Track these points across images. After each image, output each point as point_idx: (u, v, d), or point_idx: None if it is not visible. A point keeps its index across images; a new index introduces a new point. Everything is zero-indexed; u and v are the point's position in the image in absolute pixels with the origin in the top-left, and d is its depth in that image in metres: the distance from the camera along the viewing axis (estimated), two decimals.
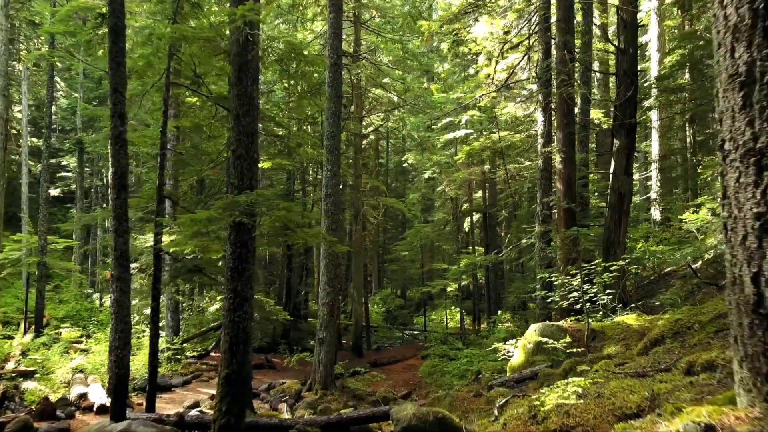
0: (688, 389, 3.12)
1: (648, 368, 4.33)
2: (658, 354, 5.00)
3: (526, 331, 8.87)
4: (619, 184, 12.11)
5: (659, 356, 4.81)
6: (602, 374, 4.64)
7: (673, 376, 3.61)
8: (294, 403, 13.10)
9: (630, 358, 5.52)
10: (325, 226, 14.27)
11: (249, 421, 8.21)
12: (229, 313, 6.79)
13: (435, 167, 25.87)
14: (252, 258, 6.96)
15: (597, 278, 8.30)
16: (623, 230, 12.09)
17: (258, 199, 6.57)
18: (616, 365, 5.00)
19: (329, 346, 14.13)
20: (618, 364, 5.01)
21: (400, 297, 37.84)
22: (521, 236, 19.19)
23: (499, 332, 17.28)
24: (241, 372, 6.70)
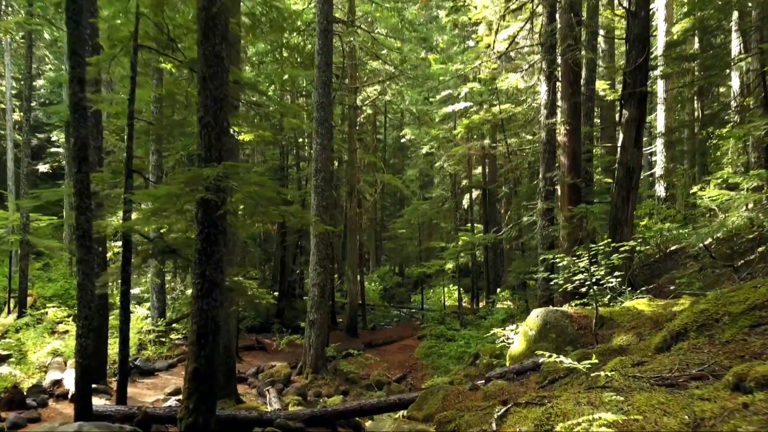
0: (745, 416, 2.43)
1: (676, 373, 3.62)
2: (683, 352, 4.29)
3: (528, 317, 8.19)
4: (627, 157, 11.33)
5: (686, 356, 4.10)
6: (619, 378, 3.94)
7: (715, 390, 2.91)
8: (283, 388, 12.50)
9: (648, 355, 4.81)
10: (315, 203, 13.53)
11: (226, 413, 7.58)
12: (196, 301, 6.08)
13: (433, 142, 24.99)
14: (223, 239, 6.22)
15: (604, 259, 7.58)
16: (631, 207, 11.34)
17: (226, 172, 5.81)
18: (634, 364, 4.29)
19: (320, 329, 13.51)
20: (636, 363, 4.31)
21: (398, 274, 37.25)
22: (522, 214, 18.44)
23: (498, 313, 16.66)
24: (210, 366, 6.02)
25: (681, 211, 22.14)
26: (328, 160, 13.65)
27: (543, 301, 11.89)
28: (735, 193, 8.81)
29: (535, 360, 7.11)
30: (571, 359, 6.15)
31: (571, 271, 8.29)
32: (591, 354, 6.08)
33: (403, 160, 41.44)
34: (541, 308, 8.08)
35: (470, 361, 14.75)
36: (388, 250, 34.97)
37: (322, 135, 13.44)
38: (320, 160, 13.48)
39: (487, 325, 16.04)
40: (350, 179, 20.75)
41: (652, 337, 6.15)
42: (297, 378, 13.41)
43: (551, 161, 12.37)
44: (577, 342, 7.32)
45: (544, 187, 12.28)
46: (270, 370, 13.35)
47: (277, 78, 23.71)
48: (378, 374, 14.37)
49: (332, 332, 20.99)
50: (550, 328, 7.63)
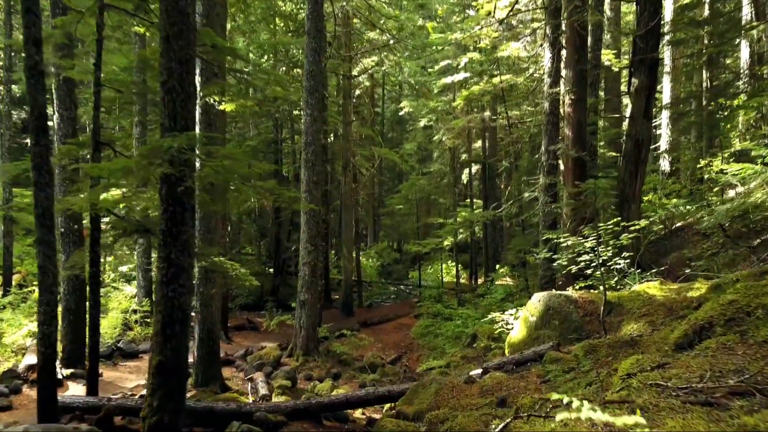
0: None
1: (709, 383, 3.00)
2: (711, 353, 3.67)
3: (529, 302, 7.59)
4: (636, 129, 10.62)
5: (716, 358, 3.49)
6: (638, 386, 3.33)
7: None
8: (272, 371, 12.00)
9: (668, 354, 4.20)
10: (305, 178, 12.85)
11: (203, 405, 7.04)
12: (161, 287, 5.46)
13: (431, 114, 24.16)
14: (191, 218, 5.57)
15: (612, 239, 6.94)
16: (639, 183, 10.68)
17: (191, 143, 5.13)
18: (654, 367, 3.68)
19: (311, 309, 12.95)
20: (656, 365, 3.69)
21: (396, 250, 36.69)
22: (523, 189, 17.78)
23: (497, 291, 16.12)
24: (177, 359, 5.43)
25: (687, 186, 21.47)
26: (319, 132, 12.92)
27: (544, 282, 11.31)
28: (760, 167, 8.12)
29: (536, 349, 6.52)
30: (577, 351, 5.56)
31: (575, 252, 7.68)
32: (599, 346, 5.49)
33: (401, 134, 40.56)
34: (543, 292, 7.48)
35: (467, 342, 14.25)
36: (385, 227, 34.33)
37: (313, 105, 12.69)
38: (310, 132, 12.76)
39: (485, 304, 15.52)
40: (345, 153, 20.02)
41: (667, 327, 5.54)
42: (287, 360, 12.91)
43: (554, 133, 11.65)
44: (582, 330, 6.74)
45: (546, 161, 11.59)
46: (259, 352, 12.83)
47: (269, 48, 22.81)
48: (372, 356, 13.87)
49: (327, 310, 20.52)
50: (552, 314, 7.04)
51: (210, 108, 9.72)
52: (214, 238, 9.90)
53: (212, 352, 9.94)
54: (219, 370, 10.16)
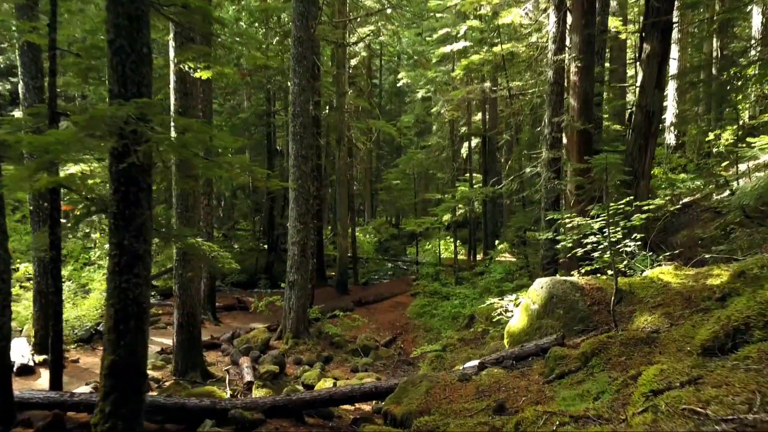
0: None
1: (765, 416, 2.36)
2: (753, 364, 3.03)
3: (530, 288, 6.95)
4: (647, 99, 9.88)
5: (764, 374, 2.84)
6: (667, 411, 2.69)
7: None
8: (259, 355, 11.44)
9: (698, 361, 3.55)
10: (293, 152, 12.12)
11: (173, 401, 6.44)
12: (113, 278, 4.80)
13: (429, 85, 23.25)
14: (146, 199, 4.89)
15: (622, 220, 6.28)
16: (649, 158, 9.99)
17: (142, 112, 4.41)
18: (684, 383, 3.04)
19: (301, 290, 12.35)
20: (688, 380, 3.05)
21: (394, 226, 36.06)
22: (524, 164, 17.05)
23: (496, 271, 15.51)
24: (133, 358, 4.80)
25: (694, 160, 20.72)
26: (307, 103, 12.14)
27: (546, 262, 10.67)
28: None
29: (538, 342, 5.91)
30: (585, 348, 4.94)
31: (581, 233, 7.03)
32: (610, 344, 4.86)
33: (399, 106, 39.60)
34: (545, 278, 6.83)
35: (465, 323, 13.71)
36: (382, 202, 33.61)
37: (301, 74, 11.88)
38: (299, 103, 11.98)
39: (484, 284, 14.93)
40: (339, 126, 19.20)
41: (687, 321, 4.91)
42: (276, 343, 12.35)
43: (559, 104, 10.89)
44: (589, 321, 6.11)
45: (549, 134, 10.84)
46: (246, 335, 12.26)
47: (260, 14, 21.77)
48: (365, 337, 13.32)
49: (321, 289, 19.96)
50: (556, 302, 6.40)
51: (186, 76, 8.95)
52: (194, 217, 9.23)
53: (192, 337, 9.36)
54: (200, 356, 9.59)
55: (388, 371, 11.67)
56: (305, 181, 12.10)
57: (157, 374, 9.28)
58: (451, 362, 10.95)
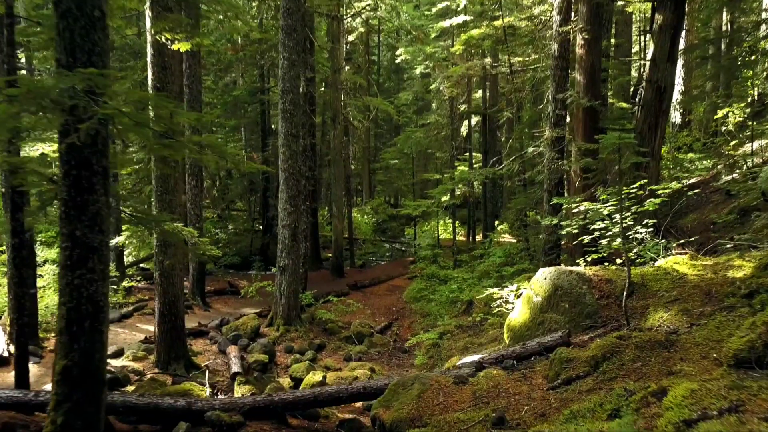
0: None
1: None
2: None
3: (533, 279, 6.42)
4: (658, 74, 9.25)
5: None
6: None
7: None
8: (249, 343, 10.98)
9: (731, 378, 3.03)
10: (283, 131, 11.51)
11: (146, 402, 5.95)
12: (65, 273, 4.26)
13: (428, 61, 22.47)
14: (102, 184, 4.32)
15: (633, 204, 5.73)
16: (660, 136, 9.39)
17: (92, 83, 3.82)
18: (723, 410, 2.51)
19: (292, 275, 11.85)
20: (727, 408, 2.52)
21: (393, 206, 35.45)
22: (525, 143, 16.43)
23: (495, 254, 15.00)
24: (89, 362, 4.28)
25: (700, 139, 20.07)
26: (297, 79, 11.49)
27: (548, 247, 10.14)
28: None
29: (541, 340, 5.39)
30: (594, 351, 4.42)
31: (587, 218, 6.49)
32: (623, 347, 4.34)
33: (398, 84, 38.71)
34: (549, 268, 6.30)
35: (463, 309, 13.24)
36: (378, 183, 32.94)
37: (290, 48, 11.21)
38: (288, 78, 11.33)
39: (483, 268, 14.43)
40: (334, 103, 18.52)
41: (710, 321, 4.38)
42: (267, 330, 11.88)
43: (563, 80, 10.25)
44: (598, 316, 5.59)
45: (553, 112, 10.23)
46: (235, 322, 11.79)
47: None
48: (359, 324, 12.86)
49: (317, 272, 19.49)
50: (561, 295, 5.88)
51: (164, 48, 8.31)
52: (174, 200, 8.66)
53: (175, 327, 8.86)
54: (184, 347, 9.11)
55: (383, 360, 11.23)
56: (296, 162, 11.51)
57: (138, 365, 8.82)
58: (448, 351, 10.51)
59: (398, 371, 10.48)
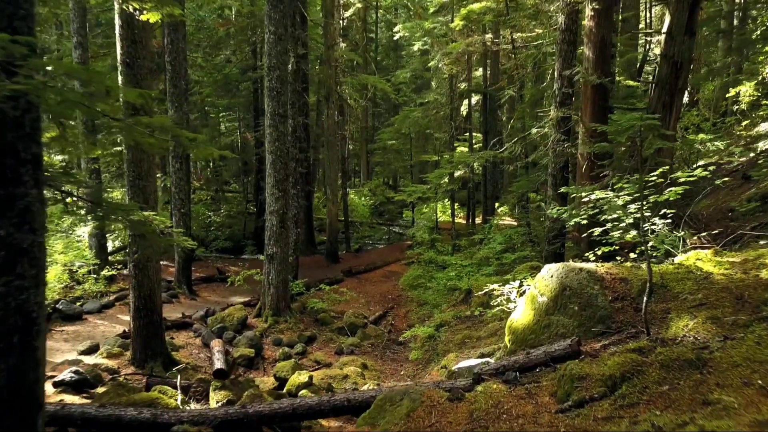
0: None
1: None
2: None
3: (538, 276, 5.78)
4: (675, 48, 8.51)
5: None
6: None
7: None
8: (234, 336, 10.41)
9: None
10: (269, 110, 10.78)
11: (106, 413, 5.36)
12: None
13: (426, 37, 21.58)
14: (32, 175, 3.64)
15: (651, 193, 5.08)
16: (675, 117, 8.69)
17: (9, 53, 3.13)
18: None
19: (281, 264, 11.23)
20: None
21: (391, 187, 34.72)
22: (528, 123, 15.68)
23: (495, 240, 14.37)
24: (20, 385, 3.65)
25: (710, 119, 19.32)
26: (285, 54, 10.73)
27: (552, 236, 9.50)
28: None
29: (548, 349, 4.77)
30: (611, 370, 3.79)
31: (597, 207, 5.84)
32: (645, 365, 3.71)
33: (397, 61, 37.72)
34: (556, 265, 5.65)
35: (461, 297, 12.64)
36: (375, 164, 32.13)
37: (277, 21, 10.44)
38: (274, 54, 10.57)
39: (482, 255, 13.81)
40: (328, 81, 17.72)
41: (748, 334, 3.74)
42: (255, 321, 11.30)
43: (570, 55, 9.50)
44: (611, 321, 4.96)
45: (559, 90, 9.50)
46: (222, 313, 11.19)
47: None
48: (353, 314, 12.28)
49: (311, 257, 18.89)
50: (570, 295, 5.24)
51: (132, 20, 7.56)
52: (148, 185, 7.98)
53: (152, 322, 8.25)
54: (162, 343, 8.51)
55: (376, 353, 10.66)
56: (283, 144, 10.81)
57: (112, 363, 8.23)
58: (445, 345, 9.93)
59: (392, 366, 9.93)
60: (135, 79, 7.61)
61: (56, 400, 6.53)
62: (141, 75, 7.75)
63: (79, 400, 6.63)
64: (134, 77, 7.60)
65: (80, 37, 12.46)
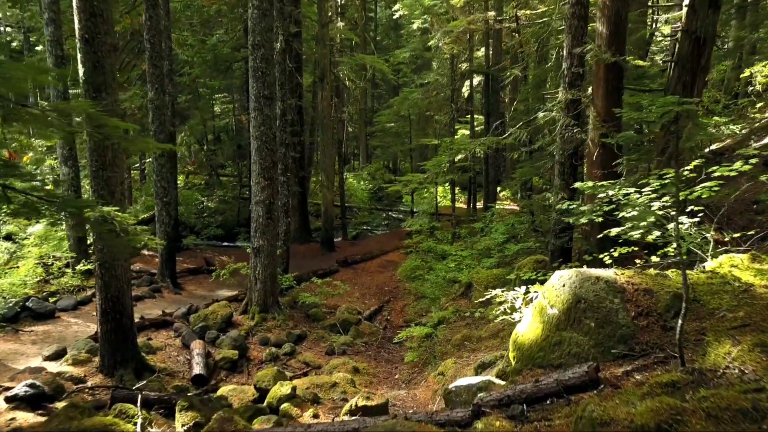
0: None
1: None
2: None
3: (548, 284, 5.02)
4: (698, 23, 7.67)
5: None
6: None
7: None
8: (218, 336, 9.73)
9: None
10: (254, 92, 9.97)
11: None
12: None
13: (426, 15, 20.60)
14: None
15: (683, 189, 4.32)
16: (696, 99, 7.84)
17: None
18: None
19: (269, 257, 10.51)
20: None
21: (391, 170, 33.84)
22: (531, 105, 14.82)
23: (497, 231, 13.61)
24: None
25: (722, 101, 18.42)
26: (269, 31, 9.87)
27: (559, 229, 8.74)
28: None
29: (560, 377, 4.04)
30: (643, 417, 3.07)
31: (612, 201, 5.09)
32: (684, 413, 2.97)
33: (397, 41, 36.61)
34: (568, 272, 4.89)
35: (461, 291, 11.94)
36: (373, 148, 31.23)
37: None
38: (259, 30, 9.72)
39: (483, 247, 13.07)
40: (322, 61, 16.82)
41: None
42: (241, 318, 10.61)
43: (581, 31, 8.63)
44: (635, 341, 4.22)
45: (568, 69, 8.65)
46: (205, 310, 10.49)
47: None
48: (346, 309, 11.60)
49: (305, 246, 18.18)
50: (585, 309, 4.50)
51: None
52: (113, 177, 7.21)
53: (121, 326, 7.55)
54: (133, 347, 7.81)
55: (370, 353, 9.98)
56: (269, 128, 10.01)
57: (78, 371, 7.55)
58: (443, 346, 9.23)
59: (386, 368, 9.25)
60: (95, 57, 6.80)
61: (7, 420, 5.86)
62: (102, 52, 6.93)
63: (33, 418, 5.95)
64: (94, 55, 6.79)
65: (52, 13, 11.59)
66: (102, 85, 7.01)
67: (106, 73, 7.06)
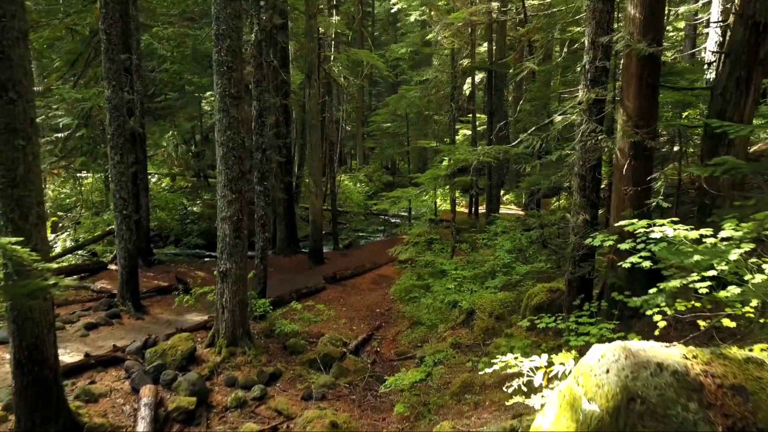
0: None
1: None
2: None
3: (581, 362, 3.54)
4: (755, 6, 6.19)
5: None
6: None
7: None
8: (175, 377, 8.25)
9: None
10: (219, 90, 8.51)
11: None
12: None
13: (425, 6, 19.11)
14: None
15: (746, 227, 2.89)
16: (753, 97, 6.41)
17: None
18: None
19: (237, 283, 9.05)
20: None
21: (389, 171, 32.34)
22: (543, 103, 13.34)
23: (503, 246, 12.12)
24: None
25: None
26: (237, 19, 8.39)
27: (579, 255, 7.25)
28: None
29: None
30: None
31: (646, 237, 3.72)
32: None
33: (395, 37, 35.15)
34: (612, 349, 3.41)
35: (462, 318, 10.47)
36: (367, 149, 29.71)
37: None
38: (223, 18, 8.25)
39: (485, 269, 11.59)
40: (309, 56, 15.34)
41: None
42: (206, 352, 9.14)
43: (607, 17, 7.12)
44: None
45: (591, 63, 7.15)
46: (164, 343, 9.01)
47: None
48: (329, 339, 10.15)
49: (291, 258, 16.72)
50: (644, 414, 3.03)
51: None
52: (27, 197, 5.74)
53: (41, 379, 6.10)
54: (57, 404, 6.36)
55: (354, 397, 8.51)
56: (236, 133, 8.55)
57: None
58: (439, 395, 7.73)
59: (371, 420, 7.78)
60: None
61: None
62: (9, 40, 5.49)
63: None
64: None
65: None
66: (9, 82, 5.56)
67: (15, 67, 5.61)
